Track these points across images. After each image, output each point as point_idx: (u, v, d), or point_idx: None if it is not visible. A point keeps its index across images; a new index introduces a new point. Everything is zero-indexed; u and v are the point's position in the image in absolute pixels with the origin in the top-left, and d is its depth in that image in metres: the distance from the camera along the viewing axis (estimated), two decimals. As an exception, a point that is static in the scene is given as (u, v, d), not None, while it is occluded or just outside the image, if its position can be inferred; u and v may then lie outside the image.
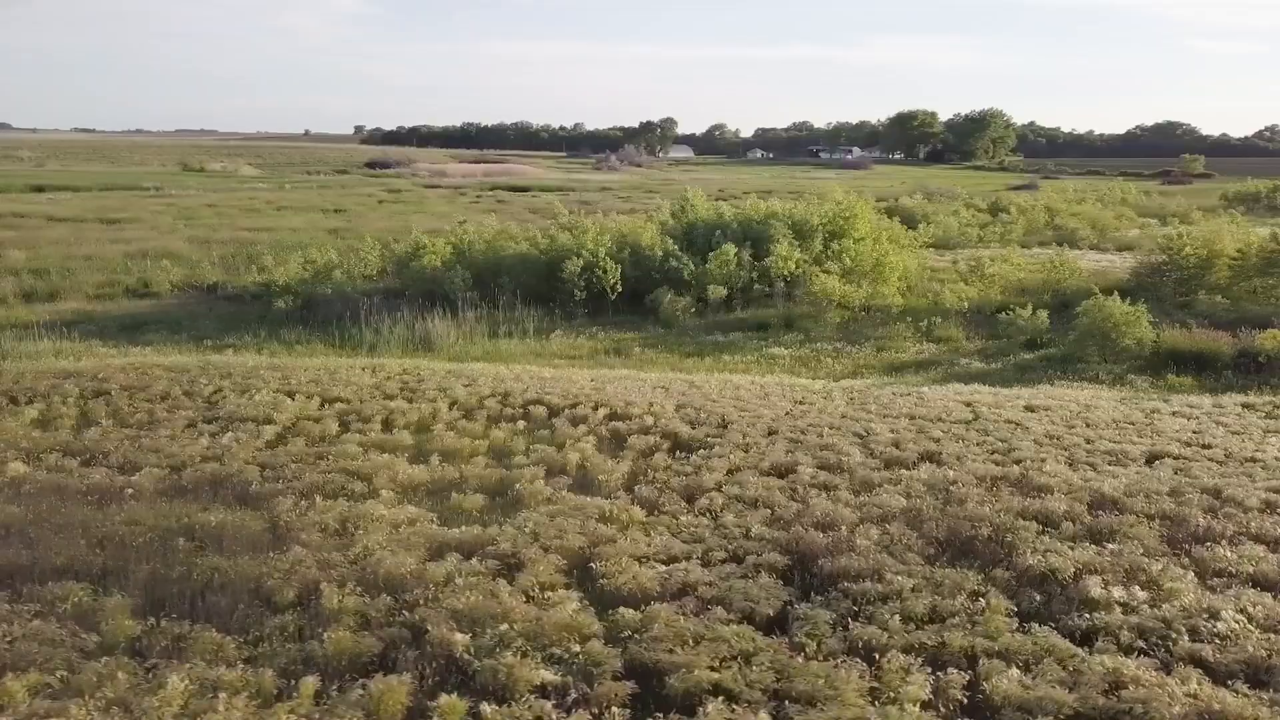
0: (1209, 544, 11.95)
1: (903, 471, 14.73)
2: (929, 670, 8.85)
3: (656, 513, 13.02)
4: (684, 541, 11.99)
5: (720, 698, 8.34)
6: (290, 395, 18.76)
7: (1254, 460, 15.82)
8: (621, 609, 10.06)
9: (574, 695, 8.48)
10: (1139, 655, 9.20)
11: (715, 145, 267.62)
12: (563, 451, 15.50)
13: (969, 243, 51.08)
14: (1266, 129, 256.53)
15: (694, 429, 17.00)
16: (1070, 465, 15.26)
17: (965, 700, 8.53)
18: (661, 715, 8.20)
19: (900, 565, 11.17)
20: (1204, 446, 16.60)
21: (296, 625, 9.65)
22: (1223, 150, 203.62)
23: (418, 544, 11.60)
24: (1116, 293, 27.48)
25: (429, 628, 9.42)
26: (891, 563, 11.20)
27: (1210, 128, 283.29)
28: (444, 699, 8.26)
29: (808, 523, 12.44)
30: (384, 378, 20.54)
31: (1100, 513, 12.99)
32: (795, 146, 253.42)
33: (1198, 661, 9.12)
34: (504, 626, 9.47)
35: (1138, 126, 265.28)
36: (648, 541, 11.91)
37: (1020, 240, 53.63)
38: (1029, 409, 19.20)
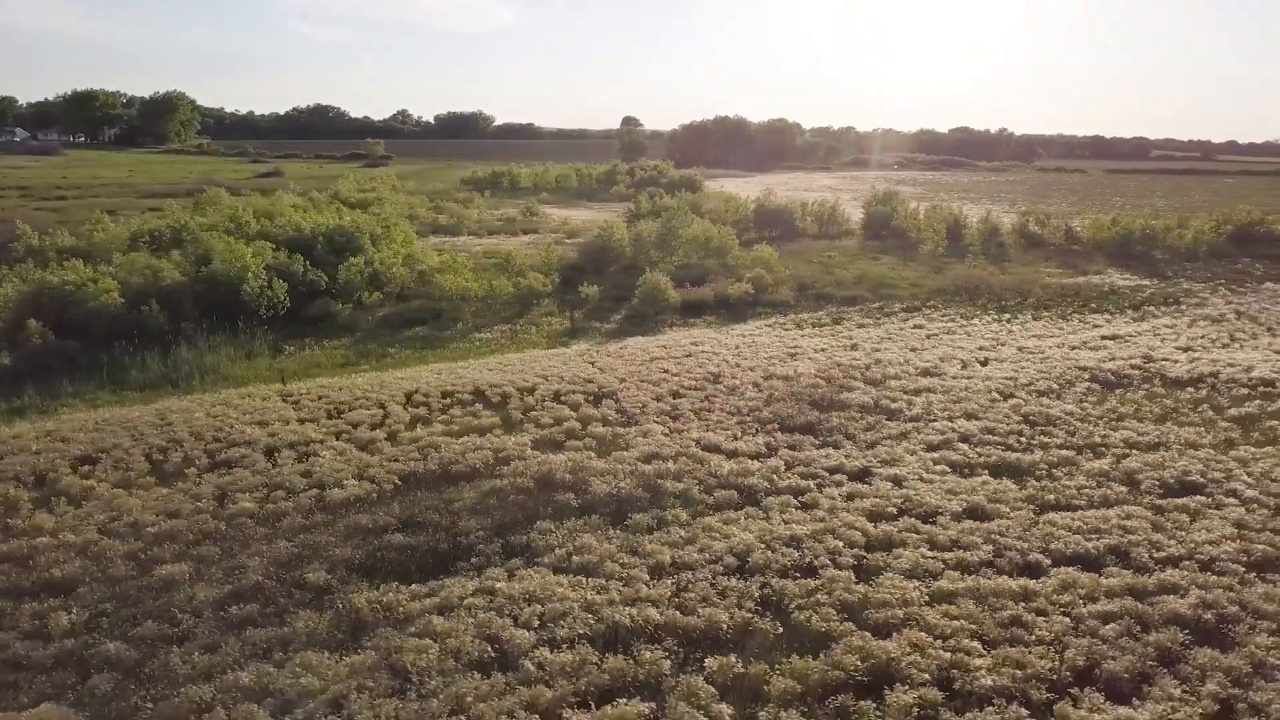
0: (889, 380, 25.55)
1: (732, 382, 25.45)
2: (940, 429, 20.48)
3: (676, 422, 21.75)
4: (722, 431, 21.22)
5: (865, 468, 18.75)
6: (261, 425, 21.21)
7: (822, 350, 30.23)
8: (769, 460, 19.36)
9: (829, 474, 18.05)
10: (969, 419, 22.01)
11: None
12: (551, 413, 22.54)
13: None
14: (399, 112, 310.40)
15: (584, 385, 25.08)
16: (777, 363, 27.72)
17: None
18: (875, 479, 18.27)
19: (841, 417, 22.29)
20: (797, 347, 30.57)
21: (684, 507, 16.89)
22: (370, 132, 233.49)
23: (633, 460, 18.80)
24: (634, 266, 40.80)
25: (750, 481, 17.71)
26: (836, 419, 22.25)
27: (357, 111, 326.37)
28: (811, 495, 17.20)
29: (760, 404, 22.67)
30: (279, 404, 23.31)
31: (832, 380, 25.71)
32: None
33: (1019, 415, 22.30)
34: (755, 475, 18.21)
35: (294, 108, 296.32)
36: (707, 435, 20.83)
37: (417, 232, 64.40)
38: (694, 343, 31.14)
